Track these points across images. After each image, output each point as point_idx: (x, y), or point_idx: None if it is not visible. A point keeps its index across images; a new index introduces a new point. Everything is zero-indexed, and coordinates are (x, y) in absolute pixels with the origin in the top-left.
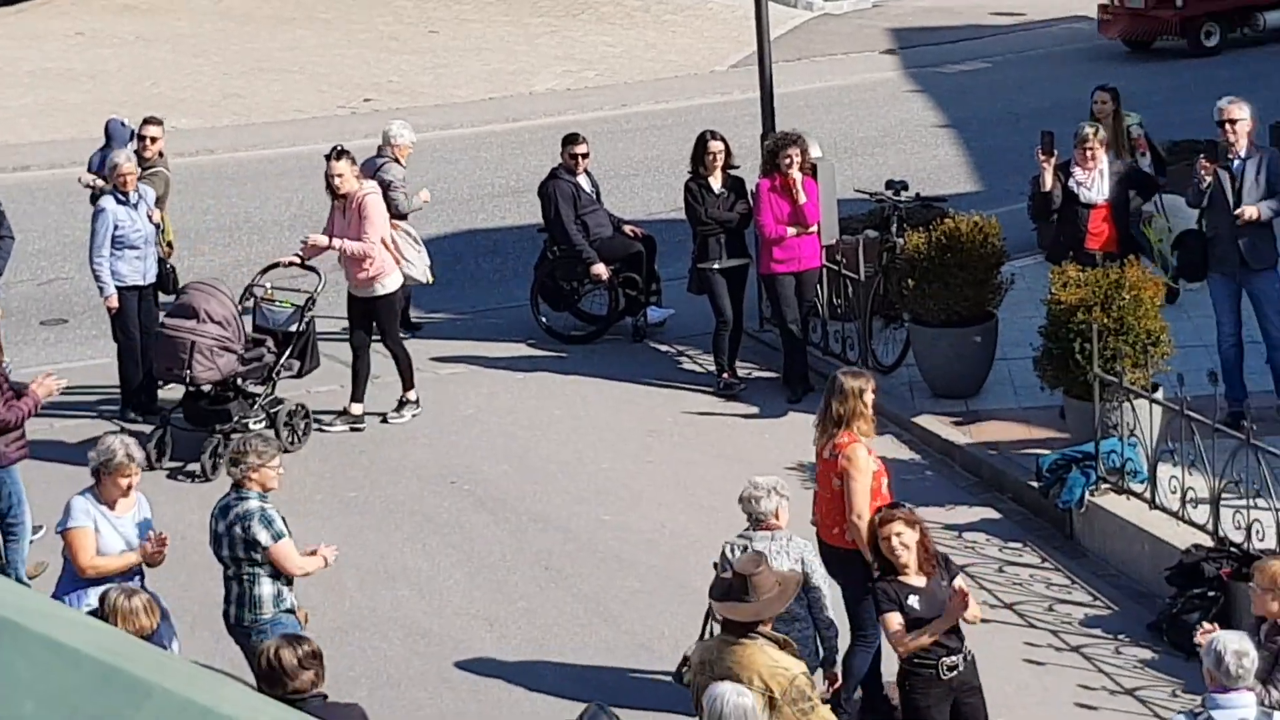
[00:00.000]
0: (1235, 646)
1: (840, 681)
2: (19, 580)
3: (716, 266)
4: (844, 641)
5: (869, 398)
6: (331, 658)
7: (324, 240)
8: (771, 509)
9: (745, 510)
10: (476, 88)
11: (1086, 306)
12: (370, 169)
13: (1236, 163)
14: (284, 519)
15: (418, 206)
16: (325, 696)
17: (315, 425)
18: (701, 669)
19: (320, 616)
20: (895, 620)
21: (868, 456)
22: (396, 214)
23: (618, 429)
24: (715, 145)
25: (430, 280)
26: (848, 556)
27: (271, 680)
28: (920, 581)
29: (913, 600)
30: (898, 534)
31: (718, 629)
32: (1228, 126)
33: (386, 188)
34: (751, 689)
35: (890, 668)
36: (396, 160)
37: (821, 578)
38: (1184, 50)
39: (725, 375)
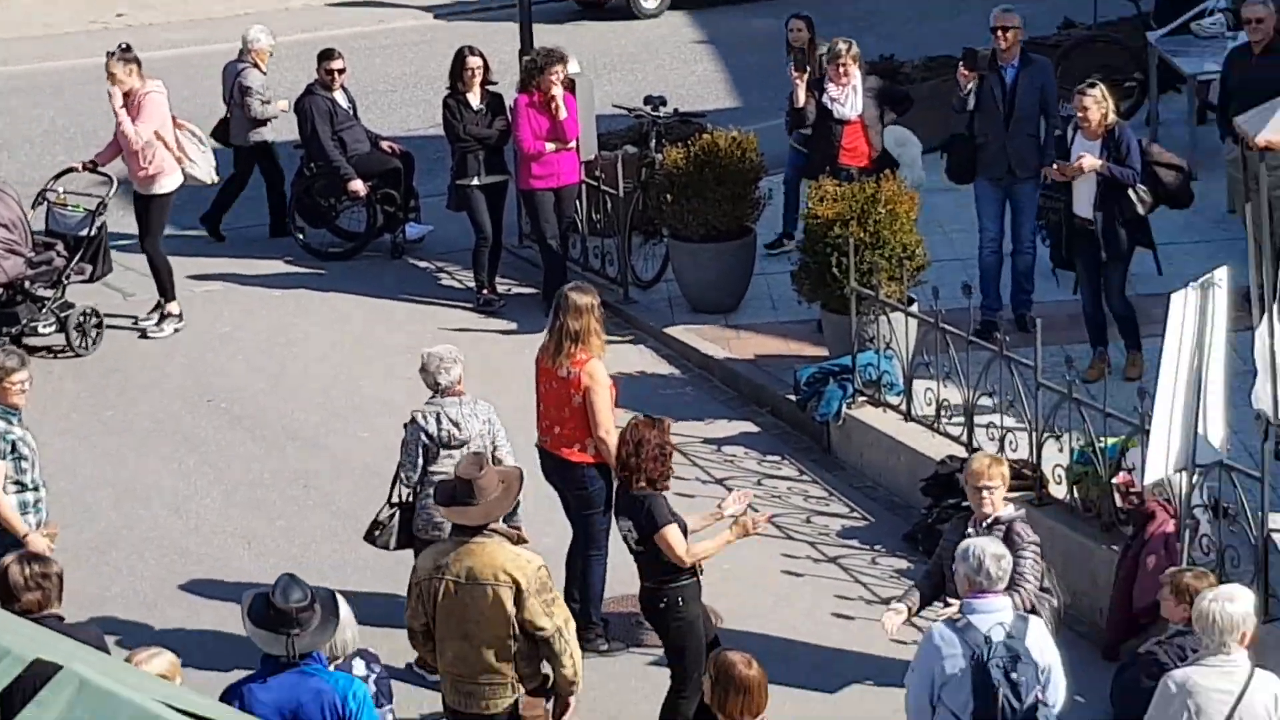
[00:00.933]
0: (991, 550)
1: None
2: None
3: (475, 183)
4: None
5: (599, 312)
6: (86, 578)
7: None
8: (457, 376)
9: (430, 381)
10: (232, 3)
11: (843, 221)
12: (231, 74)
13: (1010, 70)
14: (24, 439)
15: (274, 114)
16: (61, 618)
17: (142, 334)
18: (437, 571)
19: (74, 535)
20: (674, 530)
21: (605, 373)
22: (254, 120)
23: (376, 346)
24: (473, 61)
25: (214, 180)
26: (586, 471)
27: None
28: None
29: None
30: (668, 443)
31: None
32: (999, 34)
33: (245, 93)
34: (498, 584)
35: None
36: (256, 65)
37: (506, 437)
38: None
39: (485, 291)
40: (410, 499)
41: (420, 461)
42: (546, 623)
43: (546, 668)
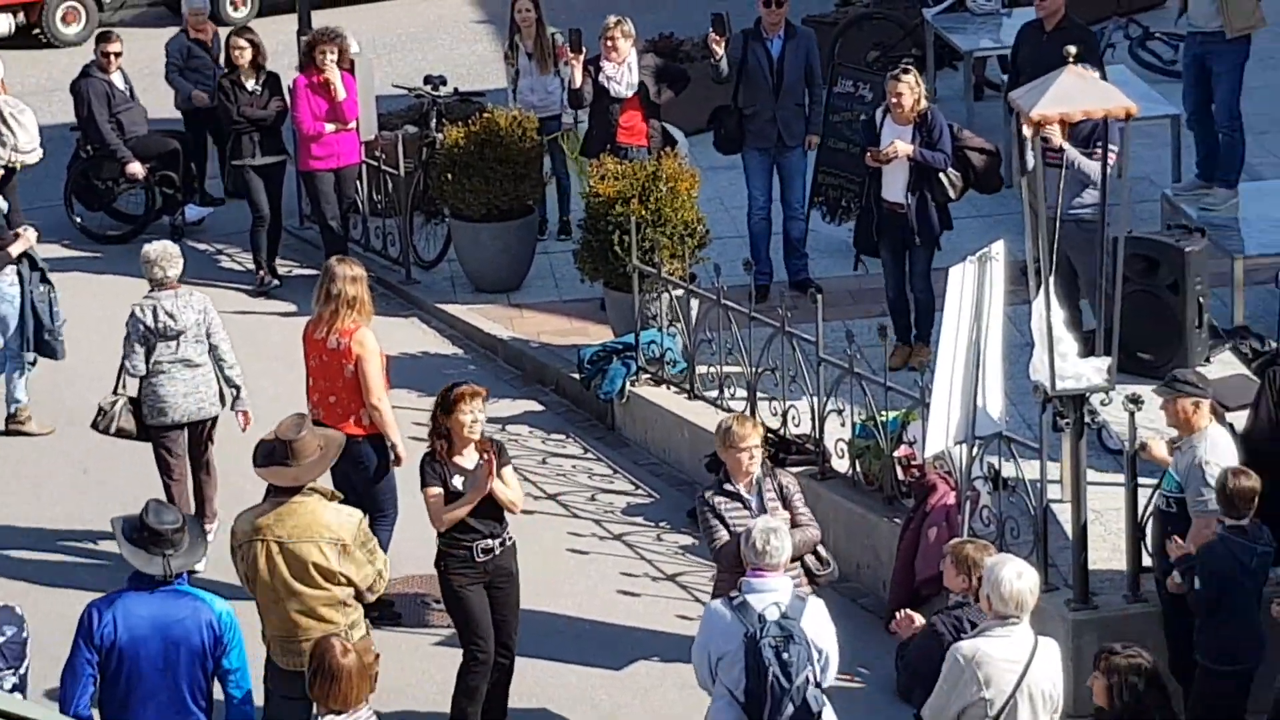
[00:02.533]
0: (767, 527)
1: None
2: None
3: (251, 163)
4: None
5: (365, 282)
6: None
7: None
8: (174, 274)
9: (149, 274)
10: None
11: (624, 199)
12: None
13: (776, 42)
14: None
15: None
16: None
17: None
18: (256, 534)
19: None
20: (434, 491)
21: (376, 340)
22: None
23: None
24: (240, 43)
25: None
26: (362, 447)
27: None
28: (470, 462)
29: (458, 481)
30: (476, 411)
31: None
32: (768, 7)
33: None
34: (323, 542)
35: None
36: None
37: (221, 326)
38: None
39: (263, 273)
40: (135, 390)
41: (142, 351)
42: (370, 570)
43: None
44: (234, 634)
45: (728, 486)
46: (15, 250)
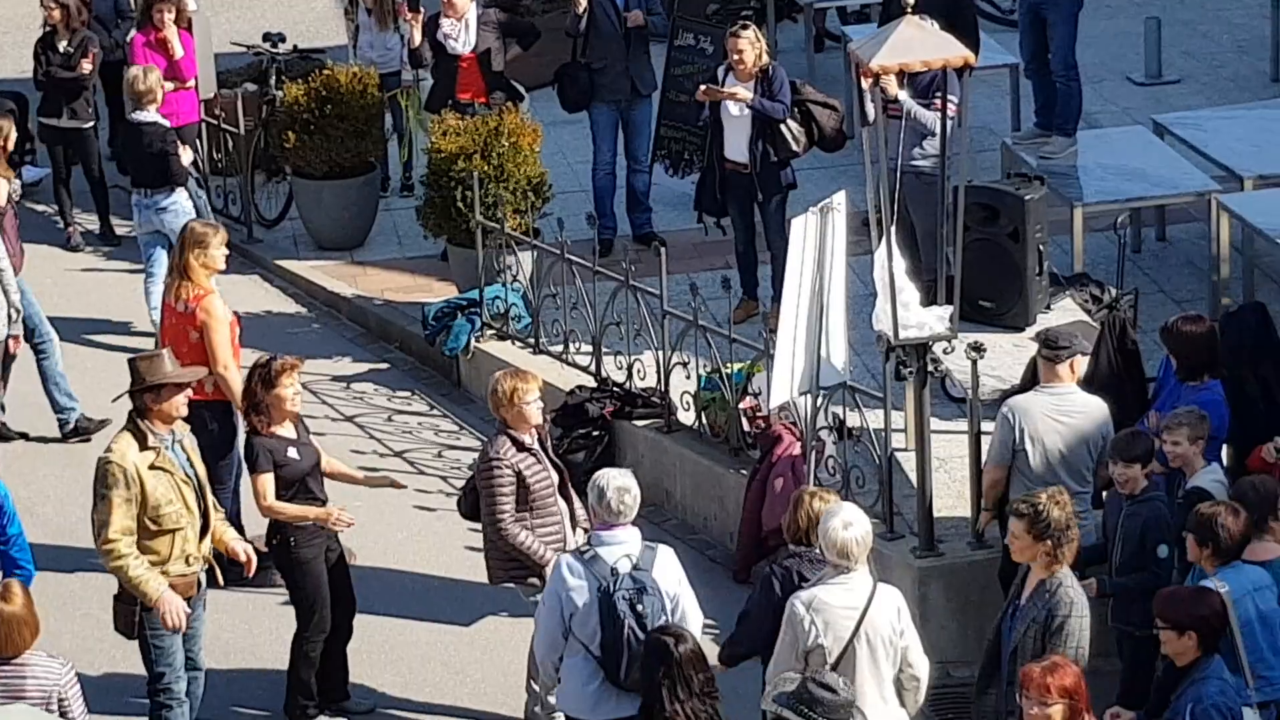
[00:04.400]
0: (618, 483)
1: None
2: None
3: (58, 124)
4: None
5: (222, 248)
6: None
7: None
8: None
9: None
10: None
11: (466, 155)
12: None
13: None
14: None
15: None
16: None
17: None
18: None
19: None
20: (267, 477)
21: (224, 307)
22: None
23: None
24: (49, 3)
25: None
26: (208, 410)
27: None
28: (291, 432)
29: (292, 452)
30: (297, 384)
31: None
32: None
33: None
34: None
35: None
36: None
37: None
38: None
39: (71, 229)
40: None
41: None
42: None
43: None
44: (10, 504)
45: (521, 439)
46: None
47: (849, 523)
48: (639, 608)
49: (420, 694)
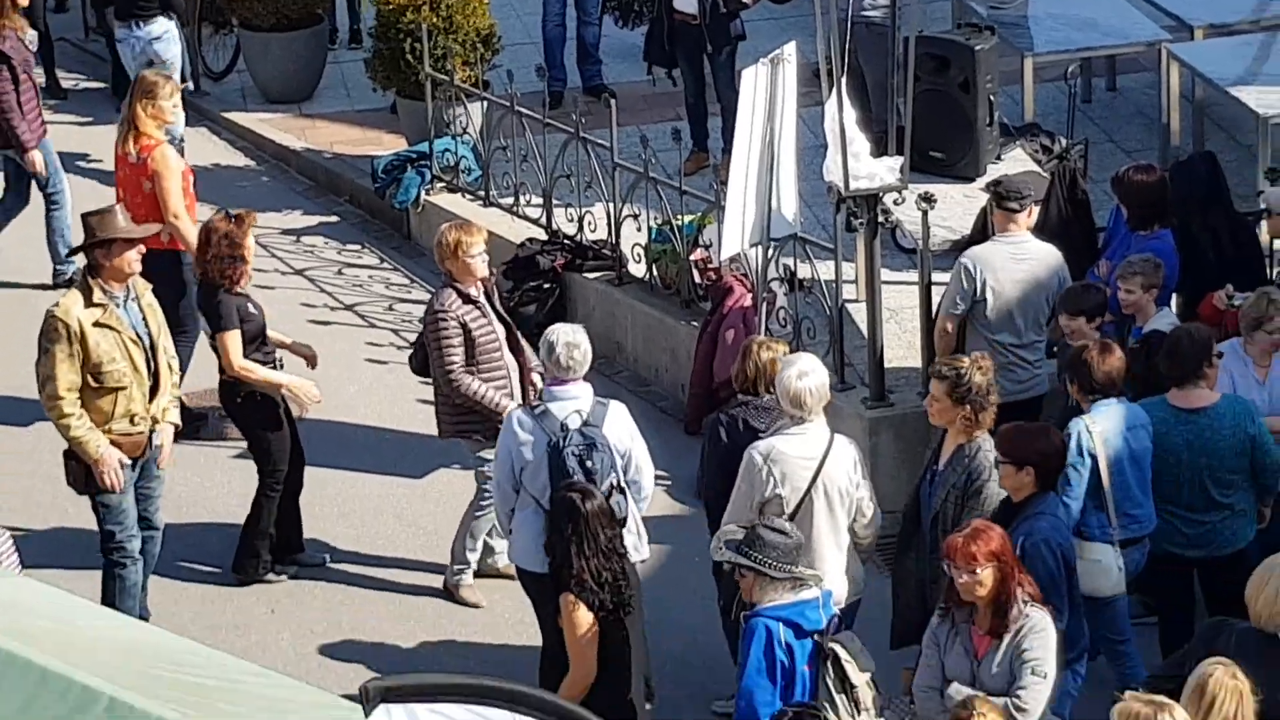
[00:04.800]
0: (567, 338)
1: None
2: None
3: None
4: None
5: (173, 97)
6: None
7: None
8: None
9: None
10: None
11: (415, 6)
12: None
13: None
14: None
15: None
16: None
17: None
18: None
19: None
20: (236, 334)
21: (177, 157)
22: None
23: None
24: None
25: None
26: (161, 259)
27: None
28: (247, 289)
29: (251, 307)
30: (243, 242)
31: None
32: None
33: None
34: None
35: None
36: None
37: None
38: None
39: None
40: None
41: None
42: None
43: None
44: None
45: (467, 291)
46: None
47: (804, 372)
48: (588, 464)
49: (373, 547)
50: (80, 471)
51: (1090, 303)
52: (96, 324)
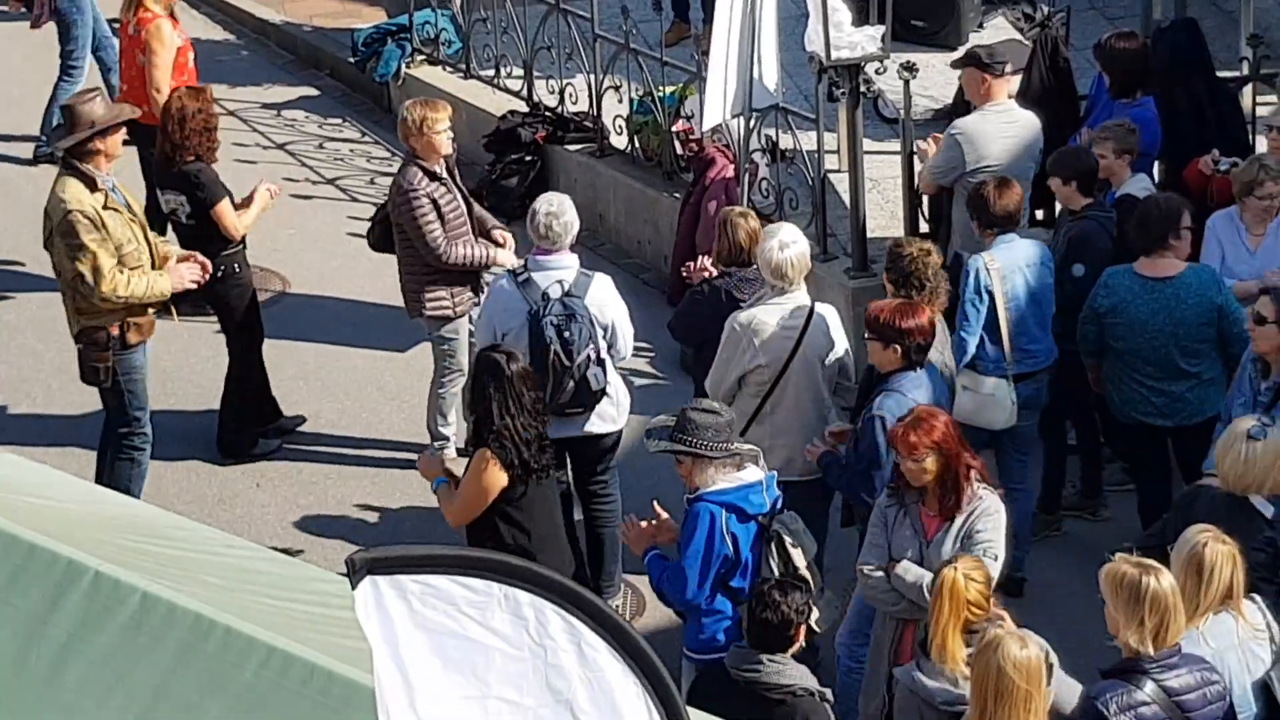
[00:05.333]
0: (548, 208)
1: None
2: None
3: None
4: None
5: None
6: None
7: None
8: None
9: None
10: None
11: None
12: None
13: None
14: None
15: None
16: None
17: None
18: None
19: None
20: (229, 206)
21: (172, 32)
22: None
23: None
24: None
25: None
26: (147, 131)
27: None
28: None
29: (221, 176)
30: (212, 114)
31: None
32: None
33: None
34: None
35: None
36: None
37: None
38: None
39: None
40: None
41: None
42: (68, 265)
43: None
44: None
45: (432, 168)
46: None
47: (786, 243)
48: (565, 334)
49: (356, 420)
50: (101, 361)
51: (1083, 166)
52: (105, 207)
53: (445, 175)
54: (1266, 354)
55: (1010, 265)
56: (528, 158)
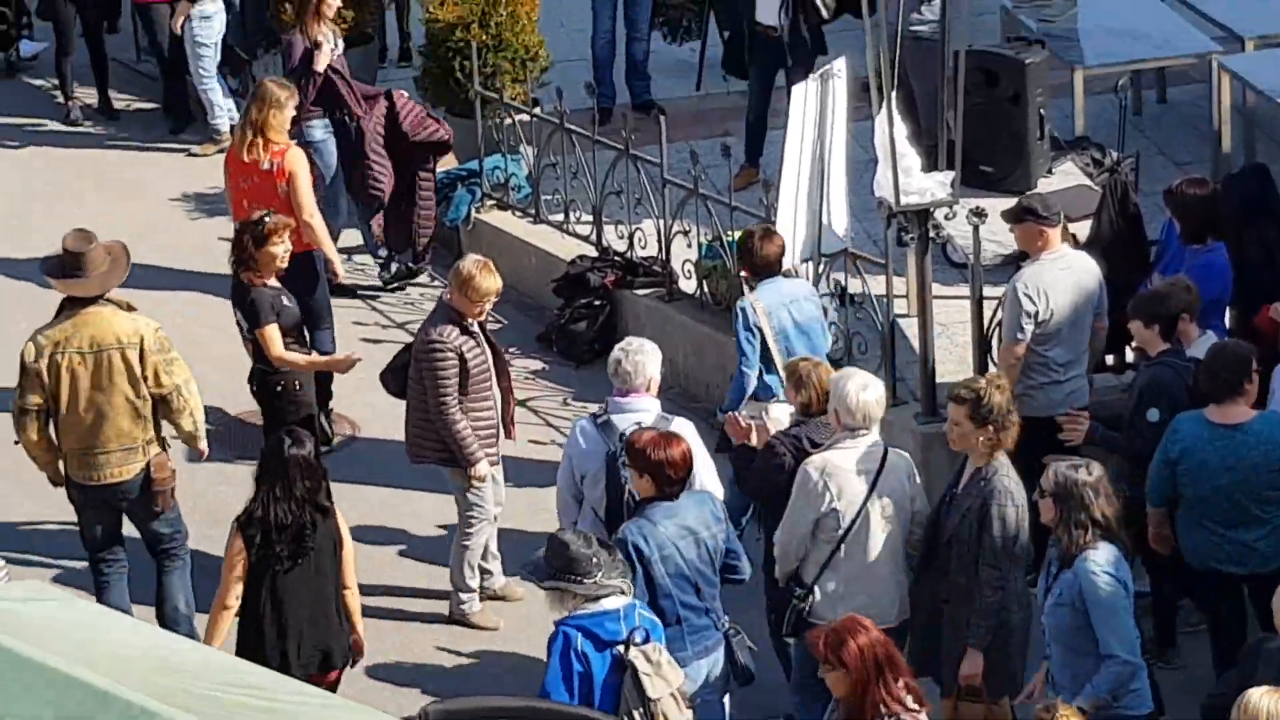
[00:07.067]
0: (629, 350)
1: None
2: None
3: None
4: None
5: (293, 104)
6: None
7: None
8: None
9: None
10: None
11: (464, 24)
12: None
13: None
14: None
15: None
16: None
17: None
18: (56, 348)
19: None
20: (276, 330)
21: (305, 159)
22: None
23: None
24: None
25: None
26: (301, 257)
27: None
28: (276, 284)
29: (285, 300)
30: (287, 241)
31: None
32: None
33: None
34: (125, 347)
35: None
36: None
37: None
38: None
39: (70, 103)
40: None
41: None
42: (167, 380)
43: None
44: None
45: (465, 322)
46: None
47: (866, 385)
48: None
49: (418, 569)
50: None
51: (1167, 311)
52: None
53: (475, 328)
54: None
55: (774, 302)
56: (596, 302)
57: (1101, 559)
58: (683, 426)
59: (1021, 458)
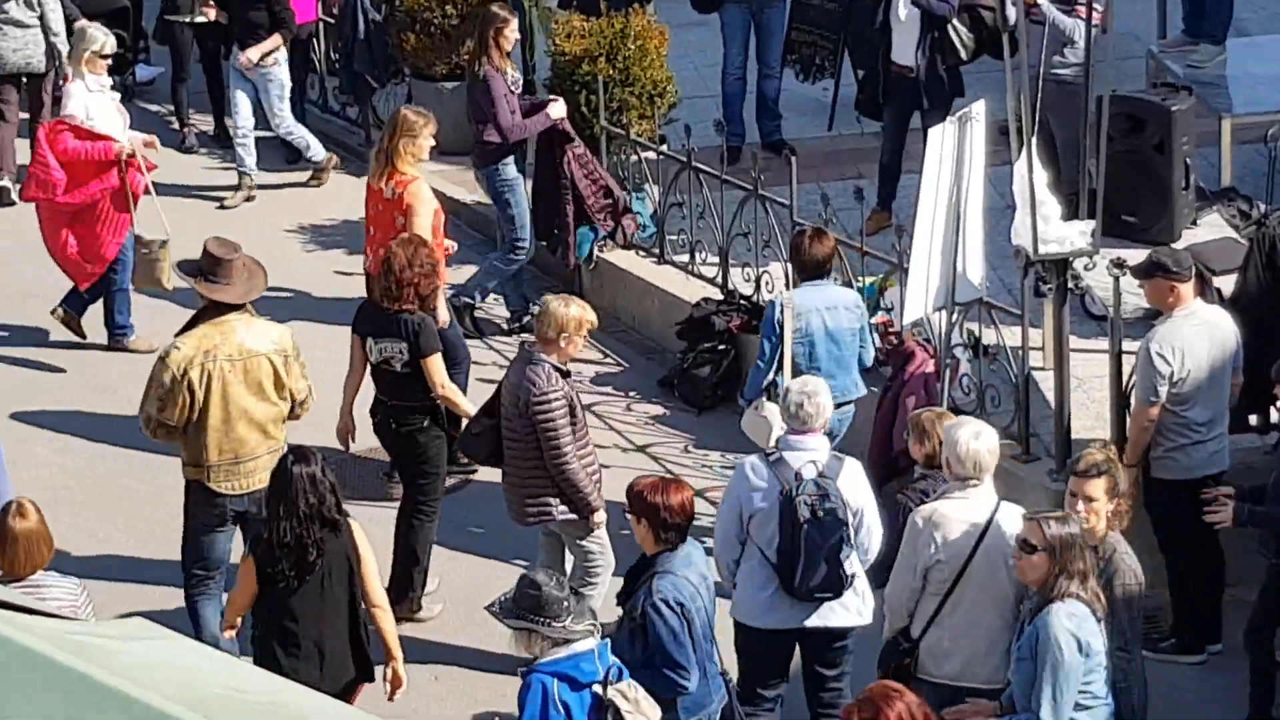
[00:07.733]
0: (805, 389)
1: None
2: None
3: (185, 20)
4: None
5: (427, 135)
6: None
7: None
8: None
9: None
10: None
11: (591, 58)
12: None
13: None
14: None
15: None
16: None
17: None
18: (206, 356)
19: None
20: (440, 361)
21: (430, 193)
22: None
23: None
24: None
25: None
26: None
27: None
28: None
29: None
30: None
31: None
32: None
33: None
34: (273, 353)
35: None
36: None
37: None
38: None
39: (185, 129)
40: None
41: None
42: (303, 384)
43: None
44: None
45: (562, 366)
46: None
47: (979, 433)
48: (819, 514)
49: None
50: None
51: None
52: None
53: (567, 367)
54: None
55: (808, 305)
56: (720, 346)
57: (1067, 613)
58: (852, 465)
59: (1165, 523)
